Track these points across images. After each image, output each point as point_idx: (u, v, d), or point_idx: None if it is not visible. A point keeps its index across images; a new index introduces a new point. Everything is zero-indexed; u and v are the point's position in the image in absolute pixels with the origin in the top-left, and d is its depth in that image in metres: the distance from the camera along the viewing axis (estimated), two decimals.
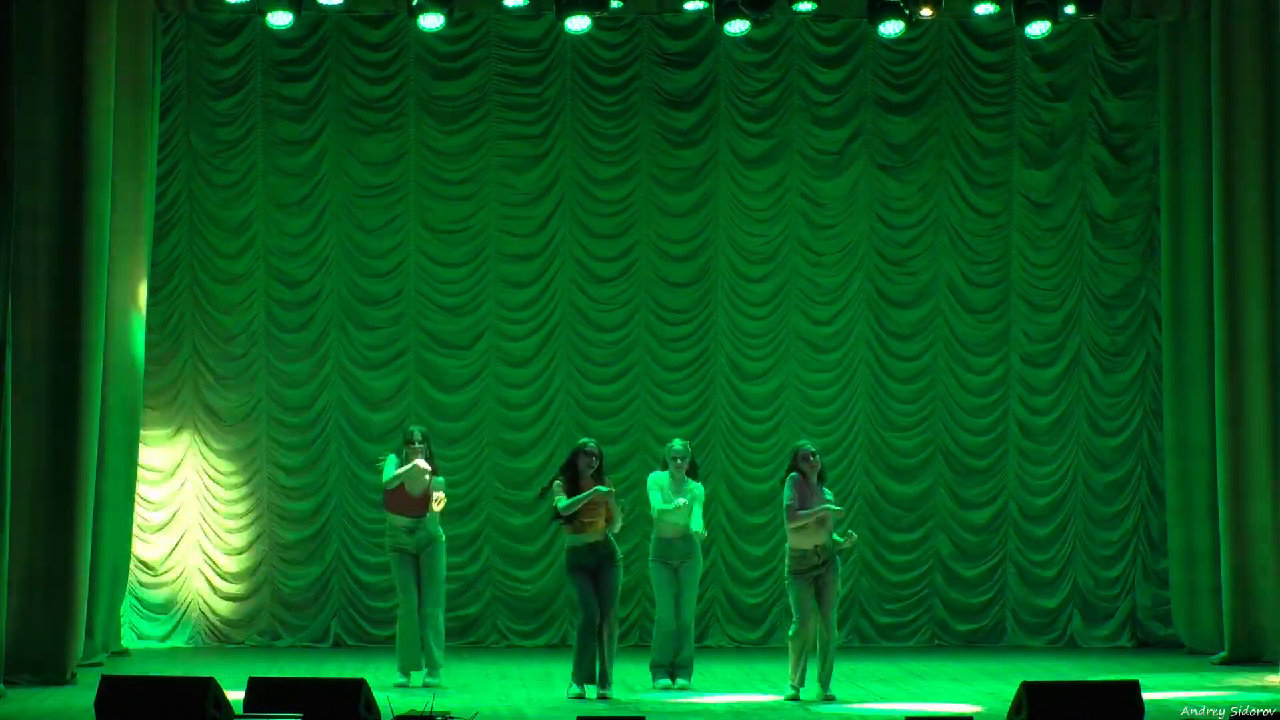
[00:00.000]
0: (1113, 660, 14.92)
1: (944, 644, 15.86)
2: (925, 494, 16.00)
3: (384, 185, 15.73)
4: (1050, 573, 15.99)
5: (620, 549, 12.48)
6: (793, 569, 12.13)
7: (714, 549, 15.70)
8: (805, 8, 14.30)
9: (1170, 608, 15.64)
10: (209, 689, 9.15)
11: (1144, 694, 9.63)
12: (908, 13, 13.78)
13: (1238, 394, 14.70)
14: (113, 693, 9.21)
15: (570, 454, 12.44)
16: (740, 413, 15.92)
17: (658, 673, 12.76)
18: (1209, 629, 15.11)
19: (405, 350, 15.72)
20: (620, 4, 14.03)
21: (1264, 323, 14.64)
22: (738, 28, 14.22)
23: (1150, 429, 16.02)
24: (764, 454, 15.87)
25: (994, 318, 16.10)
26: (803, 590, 12.09)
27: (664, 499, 12.74)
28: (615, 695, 12.20)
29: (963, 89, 16.02)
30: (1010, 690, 10.13)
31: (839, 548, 12.24)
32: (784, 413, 15.93)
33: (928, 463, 16.02)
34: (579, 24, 13.96)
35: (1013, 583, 16.01)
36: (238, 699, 9.57)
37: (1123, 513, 16.05)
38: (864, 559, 15.85)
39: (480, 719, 10.83)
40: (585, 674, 12.16)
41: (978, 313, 16.10)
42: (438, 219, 15.78)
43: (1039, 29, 14.02)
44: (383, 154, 15.72)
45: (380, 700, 9.87)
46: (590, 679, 12.17)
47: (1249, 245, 14.68)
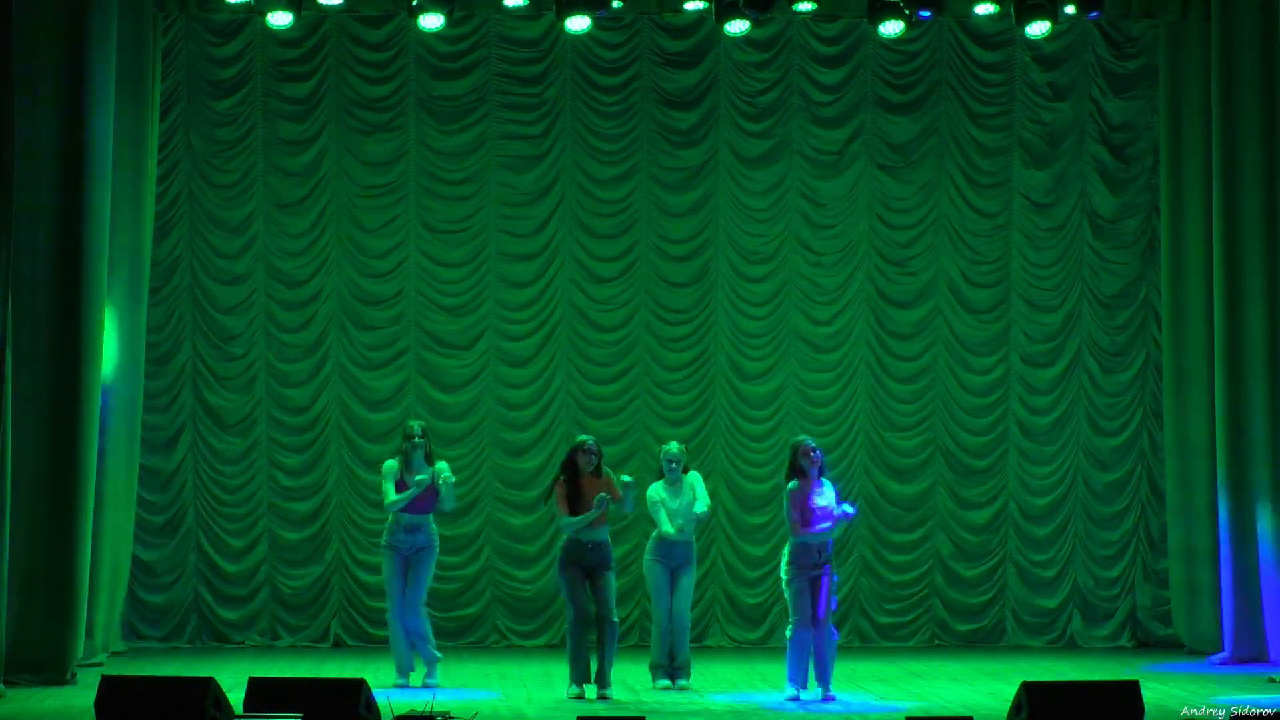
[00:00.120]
0: (1113, 660, 14.93)
1: (944, 644, 15.86)
2: (925, 494, 16.00)
3: (384, 185, 15.73)
4: (1050, 573, 16.00)
5: (618, 551, 12.47)
6: (793, 563, 12.10)
7: (714, 549, 15.71)
8: (805, 8, 14.31)
9: (1170, 608, 15.64)
10: (209, 689, 9.15)
11: (1143, 693, 9.65)
12: (907, 13, 13.78)
13: (1238, 394, 14.71)
14: (113, 693, 9.21)
15: (569, 452, 12.43)
16: (740, 413, 15.92)
17: (657, 673, 12.76)
18: (1209, 629, 15.11)
19: (405, 350, 15.72)
20: (620, 4, 14.03)
21: (1264, 323, 14.64)
22: (738, 28, 14.22)
23: (1150, 429, 16.02)
24: (764, 454, 15.87)
25: (994, 318, 16.10)
26: (802, 588, 12.09)
27: (669, 517, 12.76)
28: (615, 695, 12.20)
29: (963, 89, 16.02)
30: (1010, 690, 10.13)
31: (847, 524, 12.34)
32: (784, 413, 15.93)
33: (928, 463, 16.02)
34: (579, 24, 13.96)
35: (1013, 583, 16.01)
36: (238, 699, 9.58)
37: (1123, 513, 16.05)
38: (864, 559, 15.85)
39: (480, 719, 10.84)
40: (582, 673, 12.16)
41: (978, 313, 16.10)
42: (438, 219, 15.78)
43: (1039, 29, 14.02)
44: (383, 154, 15.72)
45: (380, 700, 9.87)
46: (587, 678, 12.17)
47: (1249, 245, 14.68)
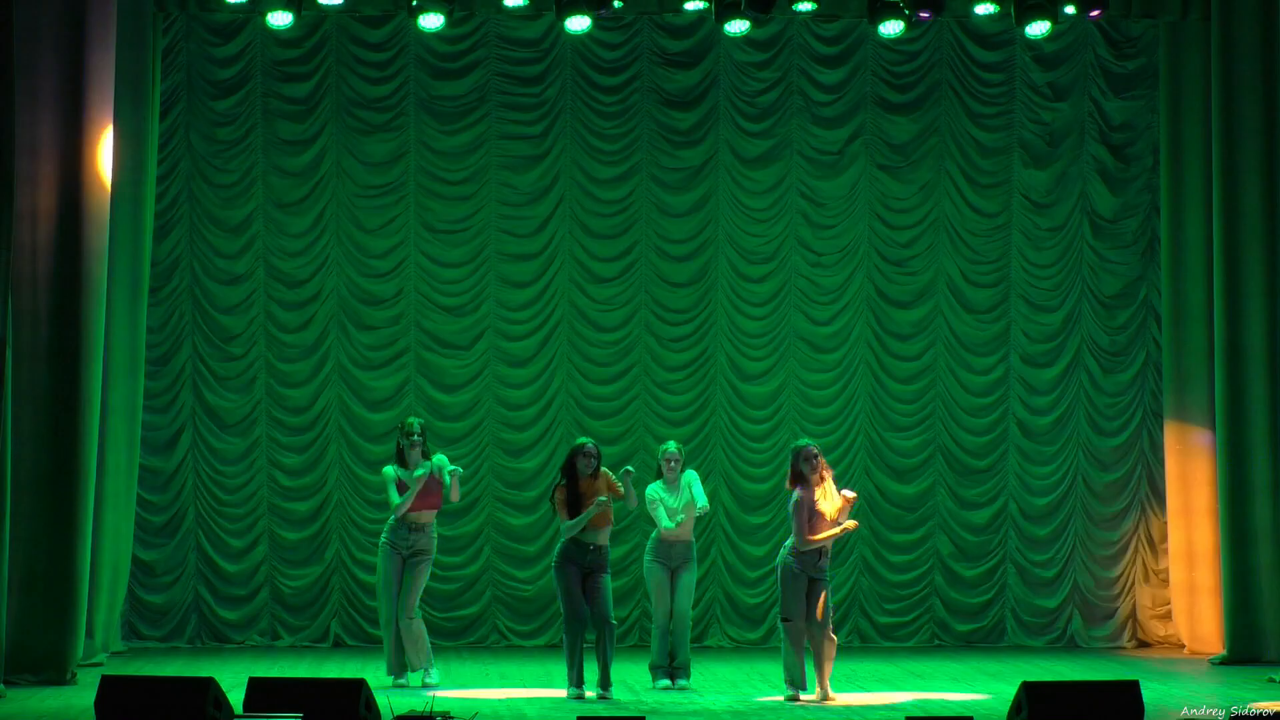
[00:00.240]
0: (1113, 660, 14.93)
1: (944, 644, 15.86)
2: (925, 494, 16.01)
3: (384, 185, 15.73)
4: (1050, 573, 16.00)
5: (617, 552, 12.47)
6: (796, 560, 12.08)
7: (714, 549, 15.71)
8: (805, 8, 14.31)
9: (1170, 608, 15.64)
10: (209, 689, 9.15)
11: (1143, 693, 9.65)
12: (907, 13, 13.78)
13: (1238, 394, 14.71)
14: (113, 693, 9.21)
15: (568, 454, 12.42)
16: (740, 413, 15.92)
17: (657, 673, 12.76)
18: (1209, 629, 15.12)
19: (405, 350, 15.72)
20: (620, 4, 14.03)
21: (1264, 323, 14.66)
22: (738, 28, 14.23)
23: (1150, 429, 16.02)
24: (764, 454, 15.87)
25: (994, 318, 16.11)
26: (801, 586, 12.07)
27: (668, 515, 12.77)
28: (615, 695, 12.19)
29: (963, 89, 16.02)
30: (1010, 690, 10.13)
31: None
32: (784, 413, 15.93)
33: (928, 463, 16.02)
34: (579, 24, 13.96)
35: (1013, 583, 16.01)
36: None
37: (1123, 513, 16.05)
38: (864, 559, 15.85)
39: (480, 719, 10.84)
40: (579, 673, 12.15)
41: (978, 313, 16.11)
42: (438, 219, 15.78)
43: (1039, 29, 14.03)
44: (383, 154, 15.72)
45: (380, 700, 9.87)
46: (584, 679, 12.14)
47: (1249, 245, 14.70)
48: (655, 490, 12.91)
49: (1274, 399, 14.65)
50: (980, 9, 14.32)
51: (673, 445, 13.05)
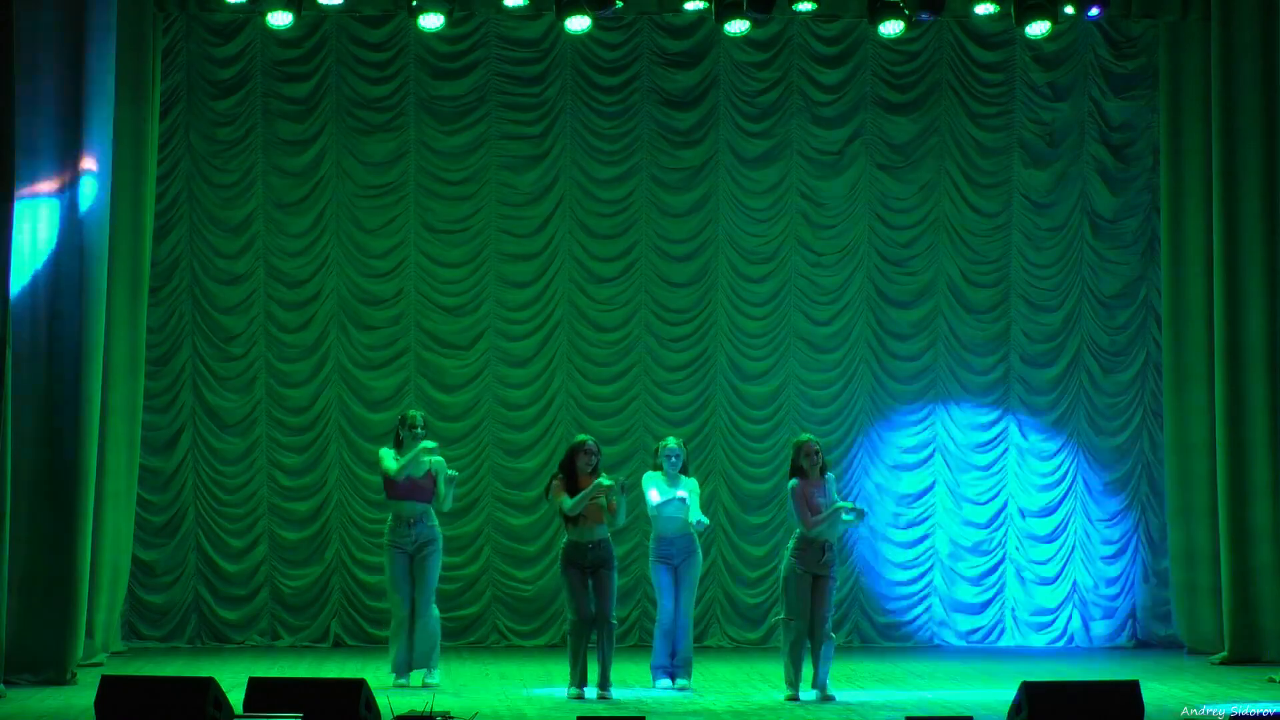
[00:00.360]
0: (1113, 660, 14.93)
1: (944, 644, 15.86)
2: (925, 493, 16.00)
3: (384, 185, 15.73)
4: (1050, 572, 16.00)
5: (618, 550, 12.46)
6: (797, 559, 12.09)
7: (714, 549, 15.71)
8: (805, 8, 14.30)
9: (1170, 608, 15.65)
10: (209, 689, 9.15)
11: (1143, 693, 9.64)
12: (907, 13, 13.78)
13: (1238, 394, 14.72)
14: (113, 693, 9.21)
15: (568, 452, 12.39)
16: (740, 413, 15.92)
17: (658, 673, 12.75)
18: (1209, 629, 15.12)
19: (405, 350, 15.72)
20: (620, 4, 14.03)
21: (1264, 323, 14.66)
22: (738, 28, 14.22)
23: (1150, 429, 16.02)
24: (764, 454, 15.87)
25: (994, 318, 16.10)
26: (805, 584, 12.07)
27: (660, 494, 12.72)
28: (615, 695, 12.19)
29: (963, 89, 16.02)
30: (1010, 690, 10.13)
31: (847, 526, 12.32)
32: (784, 413, 15.93)
33: (928, 462, 16.01)
34: (579, 24, 13.96)
35: (1013, 582, 16.01)
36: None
37: (1123, 513, 16.05)
38: (864, 559, 15.84)
39: (480, 719, 10.84)
40: (581, 675, 12.15)
41: (978, 313, 16.10)
42: (438, 219, 15.78)
43: (1039, 29, 14.03)
44: (383, 154, 15.72)
45: (380, 700, 9.87)
46: (586, 680, 12.15)
47: (1249, 245, 14.70)
48: (653, 477, 12.83)
49: (1274, 399, 14.65)
50: (980, 9, 14.32)
51: (673, 441, 13.00)
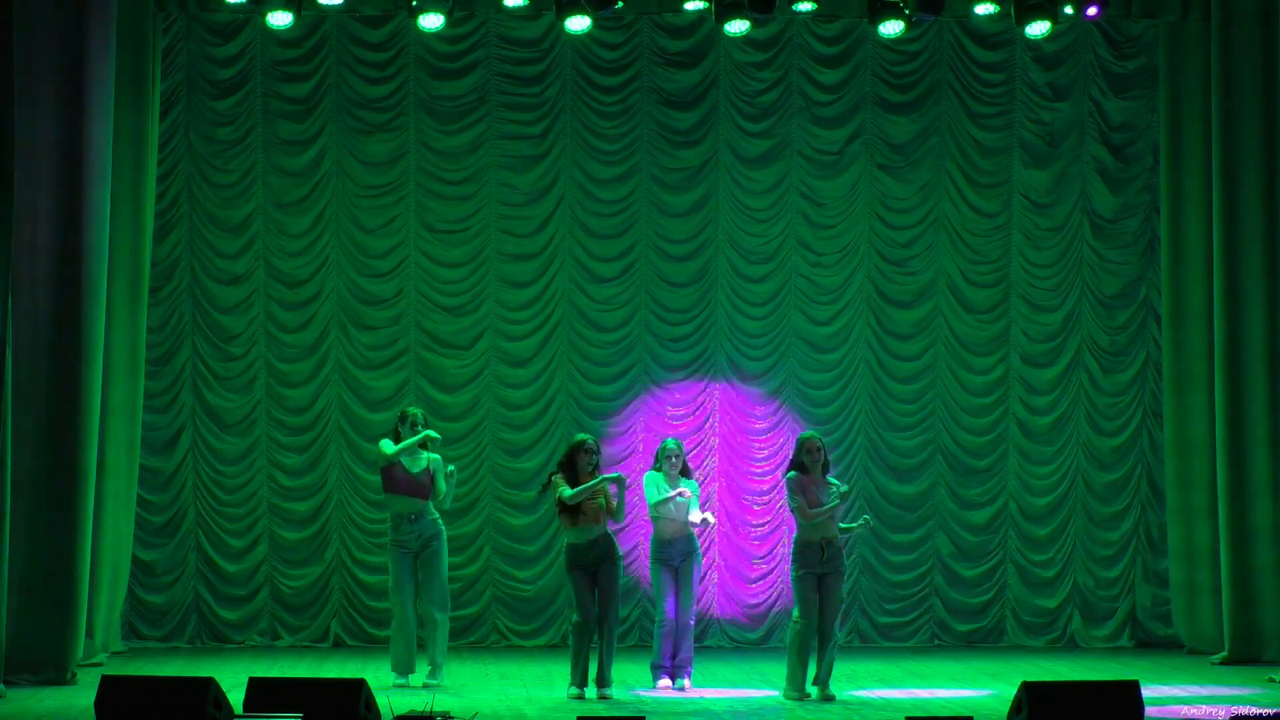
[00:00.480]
0: (1113, 660, 14.93)
1: (944, 644, 15.86)
2: (925, 494, 16.00)
3: (384, 185, 15.73)
4: (1050, 573, 16.00)
5: (620, 548, 12.45)
6: (798, 561, 12.10)
7: (714, 549, 15.70)
8: (805, 8, 14.30)
9: (1170, 608, 15.64)
10: (209, 689, 9.15)
11: (1144, 693, 9.64)
12: (907, 13, 13.78)
13: (1238, 394, 14.72)
14: (113, 693, 9.21)
15: (568, 450, 12.38)
16: (740, 412, 15.92)
17: (658, 673, 12.75)
18: (1209, 629, 15.12)
19: (405, 350, 15.72)
20: (621, 3, 14.02)
21: (1264, 323, 14.65)
22: (738, 28, 14.22)
23: (1150, 429, 16.02)
24: (764, 454, 15.86)
25: (994, 318, 16.10)
26: (808, 585, 12.07)
27: (659, 492, 12.73)
28: (615, 695, 12.19)
29: (963, 89, 16.02)
30: (1010, 690, 10.13)
31: (851, 533, 12.29)
32: (784, 413, 15.93)
33: (928, 463, 16.02)
34: (579, 24, 13.96)
35: (1013, 583, 16.01)
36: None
37: (1123, 513, 16.05)
38: (864, 559, 15.85)
39: (480, 719, 10.84)
40: (582, 676, 12.14)
41: (978, 313, 16.10)
42: (438, 219, 15.78)
43: (1039, 29, 14.02)
44: (383, 154, 15.72)
45: (380, 700, 9.87)
46: (587, 681, 12.15)
47: (1249, 245, 14.69)
48: (654, 476, 12.84)
49: (1274, 399, 14.65)
50: (980, 9, 14.32)
51: (672, 443, 13.03)
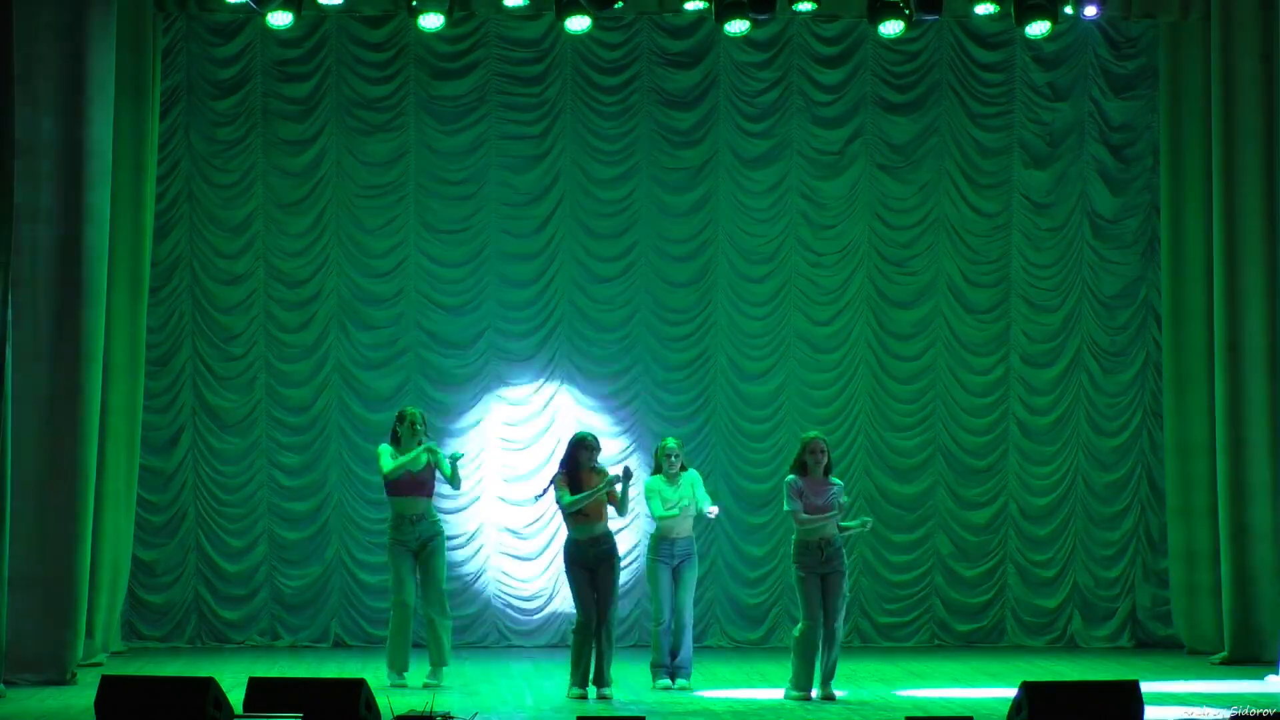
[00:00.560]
0: (1113, 660, 14.93)
1: (944, 644, 15.86)
2: (925, 494, 16.00)
3: (384, 185, 15.73)
4: (1050, 573, 15.99)
5: (619, 548, 12.45)
6: (799, 563, 12.10)
7: (714, 549, 15.70)
8: (805, 8, 14.28)
9: (1170, 608, 15.64)
10: (209, 689, 9.15)
11: (1143, 692, 9.63)
12: (907, 13, 13.78)
13: (1238, 394, 14.71)
14: (113, 693, 9.21)
15: (569, 447, 12.38)
16: (740, 413, 15.92)
17: (658, 673, 12.75)
18: (1209, 629, 15.12)
19: (405, 350, 15.72)
20: (621, 4, 14.02)
21: (1264, 323, 14.65)
22: (738, 28, 14.20)
23: (1150, 429, 16.02)
24: (764, 454, 15.87)
25: (994, 318, 16.10)
26: (811, 587, 12.07)
27: (663, 503, 12.74)
28: (615, 695, 12.18)
29: (963, 89, 16.01)
30: (1010, 690, 10.13)
31: (850, 533, 12.29)
32: (784, 413, 15.92)
33: (928, 463, 16.02)
34: (579, 24, 13.95)
35: (1013, 583, 16.01)
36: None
37: (1123, 513, 16.05)
38: (864, 559, 15.84)
39: (480, 719, 10.84)
40: (583, 675, 12.14)
41: (978, 313, 16.10)
42: (438, 219, 15.78)
43: (1039, 29, 14.01)
44: (383, 154, 15.72)
45: (380, 700, 9.86)
46: (587, 681, 12.15)
47: (1249, 245, 14.68)
48: (655, 482, 12.86)
49: (1274, 399, 14.64)
50: (980, 9, 14.30)
51: (672, 441, 13.02)
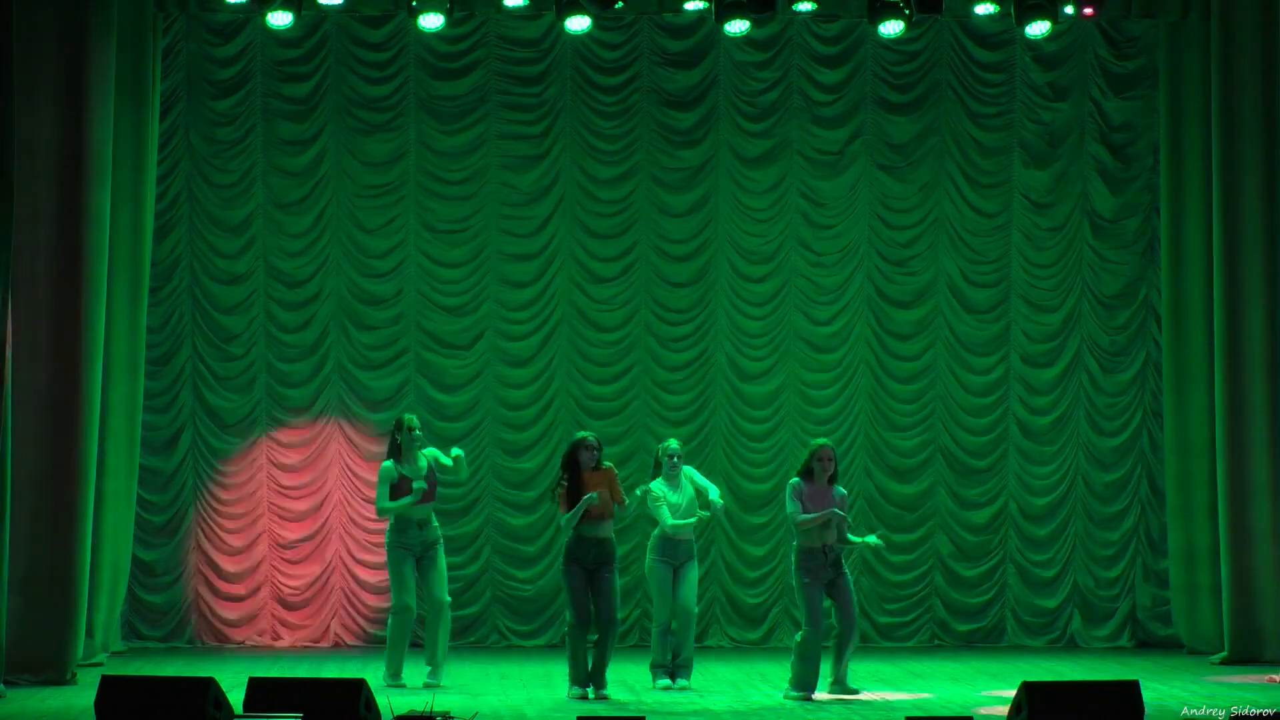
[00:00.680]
0: (1113, 660, 14.93)
1: (944, 644, 15.86)
2: (925, 494, 16.00)
3: (384, 185, 15.73)
4: (1050, 573, 15.99)
5: (618, 551, 12.45)
6: (802, 569, 12.10)
7: (714, 549, 15.71)
8: (805, 8, 14.29)
9: (1170, 608, 15.64)
10: (209, 689, 9.15)
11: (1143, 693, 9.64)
12: (907, 13, 13.78)
13: (1238, 394, 14.70)
14: (113, 693, 9.21)
15: (570, 447, 12.36)
16: (740, 413, 15.92)
17: (658, 673, 12.75)
18: (1209, 629, 15.11)
19: (405, 350, 15.72)
20: (621, 4, 14.02)
21: (1264, 323, 14.64)
22: (738, 28, 14.20)
23: (1150, 429, 16.02)
24: (764, 454, 15.87)
25: (994, 318, 16.10)
26: (815, 594, 12.06)
27: (671, 511, 12.73)
28: (615, 695, 12.18)
29: (963, 89, 16.01)
30: (1010, 690, 10.13)
31: (855, 547, 12.30)
32: (784, 413, 15.93)
33: (928, 463, 16.02)
34: (579, 24, 13.95)
35: (1013, 583, 16.01)
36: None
37: (1123, 513, 16.05)
38: (864, 559, 15.83)
39: (480, 719, 10.84)
40: (581, 674, 12.14)
41: (978, 313, 16.10)
42: (438, 219, 15.78)
43: (1039, 29, 14.01)
44: (383, 154, 15.72)
45: (380, 700, 9.87)
46: (586, 681, 12.15)
47: (1249, 245, 14.68)
48: (658, 487, 12.86)
49: (1274, 399, 14.64)
50: (980, 9, 14.30)
51: (675, 443, 13.02)
